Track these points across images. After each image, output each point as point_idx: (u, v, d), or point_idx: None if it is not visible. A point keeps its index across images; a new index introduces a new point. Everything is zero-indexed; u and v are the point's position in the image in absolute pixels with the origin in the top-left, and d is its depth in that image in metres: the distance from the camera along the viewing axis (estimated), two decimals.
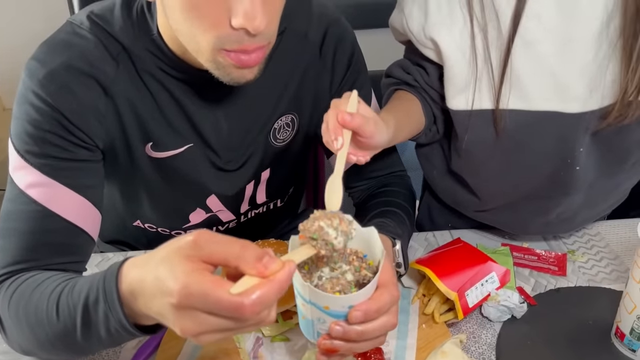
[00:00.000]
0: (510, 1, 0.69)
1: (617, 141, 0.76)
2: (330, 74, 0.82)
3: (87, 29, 0.69)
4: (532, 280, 0.82)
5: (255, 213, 0.93)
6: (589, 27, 0.68)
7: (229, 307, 0.43)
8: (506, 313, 0.74)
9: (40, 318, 0.59)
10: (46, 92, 0.67)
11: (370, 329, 0.56)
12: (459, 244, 0.81)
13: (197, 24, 0.58)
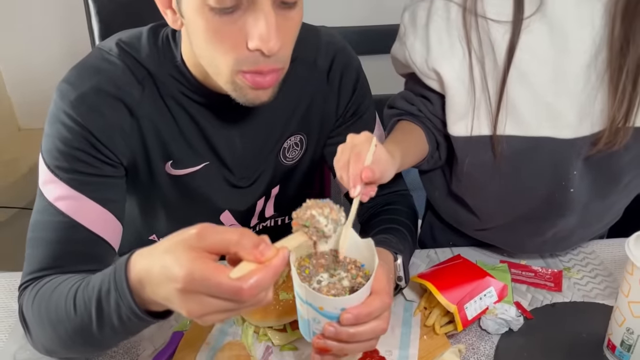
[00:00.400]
0: (505, 35, 0.75)
1: (609, 165, 0.80)
2: (336, 98, 0.87)
3: (115, 55, 0.75)
4: (529, 295, 0.86)
5: (263, 226, 0.98)
6: (578, 60, 0.74)
7: (229, 290, 0.48)
8: (504, 326, 0.78)
9: (60, 315, 0.64)
10: (77, 113, 0.72)
11: (361, 331, 0.60)
12: (459, 260, 0.85)
13: (217, 47, 0.64)
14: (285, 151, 0.87)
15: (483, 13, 0.75)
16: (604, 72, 0.73)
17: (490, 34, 0.76)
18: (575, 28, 0.73)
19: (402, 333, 0.77)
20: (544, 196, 0.83)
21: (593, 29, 0.73)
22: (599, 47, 0.73)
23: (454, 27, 0.78)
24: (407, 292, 0.84)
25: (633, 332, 0.69)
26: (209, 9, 0.61)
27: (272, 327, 0.75)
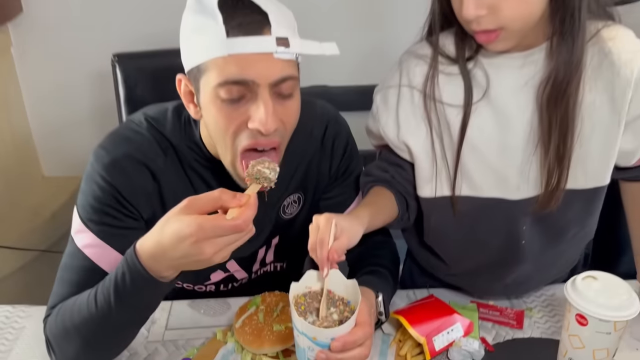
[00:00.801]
0: (458, 116, 0.90)
1: (555, 220, 0.94)
2: (329, 160, 1.02)
3: (144, 128, 0.91)
4: (494, 331, 0.98)
5: (264, 271, 1.11)
6: (517, 136, 0.89)
7: (231, 228, 0.68)
8: (467, 357, 0.90)
9: (83, 315, 0.79)
10: (109, 175, 0.87)
11: (348, 357, 0.73)
12: (431, 299, 0.98)
13: (225, 128, 0.80)
14: (284, 207, 1.01)
15: (439, 98, 0.91)
16: (536, 147, 0.88)
17: (446, 115, 0.91)
18: (513, 111, 0.88)
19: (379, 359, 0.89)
20: (499, 247, 0.97)
21: (527, 112, 0.87)
22: (532, 127, 0.88)
23: (418, 109, 0.92)
24: (385, 326, 0.96)
25: None
26: (220, 100, 0.78)
27: (266, 355, 0.88)
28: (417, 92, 0.92)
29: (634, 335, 0.96)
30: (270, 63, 0.76)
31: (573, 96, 0.83)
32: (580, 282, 0.80)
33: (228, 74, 0.76)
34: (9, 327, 1.00)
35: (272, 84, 0.77)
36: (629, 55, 0.84)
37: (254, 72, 0.76)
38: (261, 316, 0.90)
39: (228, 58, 0.75)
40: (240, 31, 0.75)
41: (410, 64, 0.93)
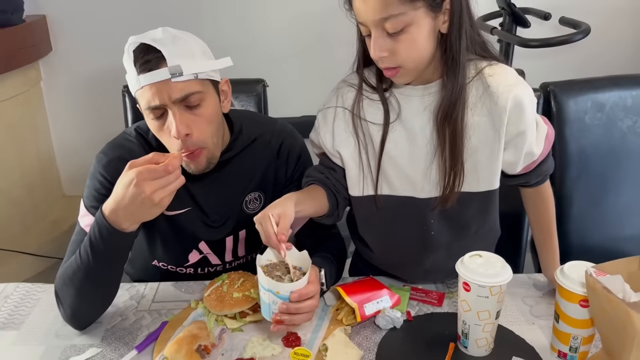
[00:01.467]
0: (379, 132, 1.14)
1: (456, 216, 1.17)
2: (284, 167, 1.27)
3: (133, 137, 1.19)
4: (418, 308, 1.19)
5: (237, 263, 1.34)
6: (421, 149, 1.12)
7: (162, 169, 0.93)
8: (390, 323, 1.11)
9: (73, 268, 1.05)
10: (106, 171, 1.15)
11: (302, 306, 0.99)
12: (368, 278, 1.21)
13: (162, 138, 1.10)
14: (247, 203, 1.26)
15: (364, 117, 1.15)
16: (433, 158, 1.12)
17: (370, 131, 1.15)
18: (418, 129, 1.12)
19: (316, 324, 1.11)
20: (415, 237, 1.20)
21: (427, 130, 1.11)
22: (431, 141, 1.12)
23: (348, 125, 1.16)
24: (327, 297, 1.19)
25: (465, 323, 1.02)
26: (151, 119, 1.07)
27: (226, 316, 1.10)
28: (348, 112, 1.16)
29: (533, 312, 1.17)
30: (170, 87, 1.03)
31: (458, 118, 1.07)
32: (467, 259, 1.02)
33: (145, 102, 1.05)
34: (28, 299, 1.24)
35: (177, 101, 1.04)
36: (505, 88, 1.08)
37: (159, 97, 1.03)
38: (225, 287, 1.13)
39: (142, 90, 1.04)
40: (144, 69, 1.03)
41: (343, 90, 1.18)
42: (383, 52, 1.01)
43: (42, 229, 2.36)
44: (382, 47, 1.01)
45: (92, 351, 1.07)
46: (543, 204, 1.25)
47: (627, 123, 1.67)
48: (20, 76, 2.22)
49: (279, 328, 1.02)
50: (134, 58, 1.04)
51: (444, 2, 1.00)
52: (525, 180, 1.20)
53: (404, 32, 0.99)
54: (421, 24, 1.00)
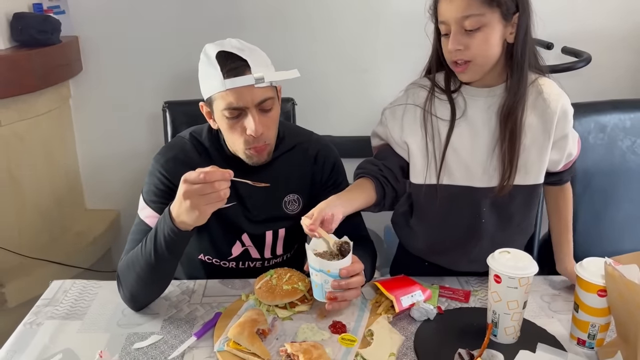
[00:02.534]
0: (446, 127, 1.30)
1: (505, 208, 1.33)
2: (320, 173, 1.42)
3: (187, 139, 1.35)
4: (447, 304, 1.31)
5: (275, 262, 1.46)
6: (483, 143, 1.29)
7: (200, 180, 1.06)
8: (424, 314, 1.23)
9: (137, 255, 1.18)
10: (164, 169, 1.30)
11: (352, 282, 1.13)
12: (401, 276, 1.33)
13: (232, 135, 1.24)
14: (287, 203, 1.40)
15: (435, 113, 1.31)
16: (495, 150, 1.28)
17: (438, 126, 1.31)
18: (481, 126, 1.29)
19: (357, 314, 1.23)
20: (466, 224, 1.35)
21: (490, 126, 1.28)
22: (493, 136, 1.28)
23: (418, 120, 1.32)
24: (366, 291, 1.30)
25: (495, 313, 1.14)
26: (226, 118, 1.21)
27: (277, 306, 1.22)
28: (419, 109, 1.32)
29: (551, 308, 1.29)
30: (254, 92, 1.19)
31: (518, 117, 1.24)
32: (497, 254, 1.14)
33: (228, 102, 1.20)
34: (86, 293, 1.34)
35: (257, 105, 1.20)
36: (555, 96, 1.28)
37: (243, 99, 1.19)
38: (274, 281, 1.24)
39: (226, 92, 1.19)
40: (231, 74, 1.18)
41: (414, 90, 1.35)
42: (459, 45, 1.19)
43: (67, 240, 2.45)
44: (460, 41, 1.19)
45: (154, 338, 1.17)
46: (565, 201, 1.45)
47: (626, 143, 1.83)
48: (53, 93, 2.33)
49: (333, 306, 1.15)
50: (220, 64, 1.18)
51: (514, 16, 1.20)
52: (559, 178, 1.40)
53: (479, 30, 1.18)
54: (494, 27, 1.19)
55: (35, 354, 1.12)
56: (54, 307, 1.28)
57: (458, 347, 1.05)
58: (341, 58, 2.44)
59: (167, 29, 2.41)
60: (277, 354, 1.09)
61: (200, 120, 1.73)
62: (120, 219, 2.70)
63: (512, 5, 1.19)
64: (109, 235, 2.60)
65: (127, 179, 2.63)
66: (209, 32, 2.35)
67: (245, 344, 1.07)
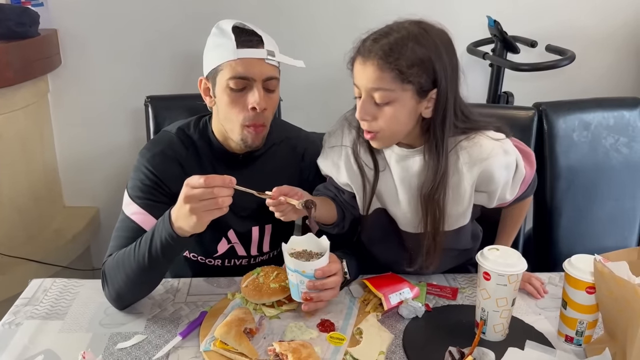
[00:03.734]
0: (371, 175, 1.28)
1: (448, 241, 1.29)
2: (307, 171, 1.40)
3: (174, 133, 1.31)
4: (435, 301, 1.30)
5: (261, 259, 1.44)
6: (405, 199, 1.25)
7: (200, 184, 1.02)
8: (412, 312, 1.22)
9: (129, 255, 1.14)
10: (150, 165, 1.26)
11: (328, 282, 1.11)
12: (389, 274, 1.32)
13: (233, 110, 1.20)
14: None
15: (364, 160, 1.28)
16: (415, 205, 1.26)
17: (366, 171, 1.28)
18: (401, 184, 1.25)
19: (346, 313, 1.21)
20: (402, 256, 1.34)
21: (410, 189, 1.24)
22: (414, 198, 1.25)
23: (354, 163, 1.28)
24: (354, 289, 1.29)
25: (484, 310, 1.14)
26: (230, 90, 1.19)
27: (264, 304, 1.20)
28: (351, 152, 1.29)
29: (539, 305, 1.29)
30: (263, 66, 1.19)
31: (441, 197, 1.20)
32: (486, 251, 1.14)
33: (236, 72, 1.18)
34: (67, 292, 1.31)
35: (264, 80, 1.19)
36: (477, 161, 1.20)
37: (253, 71, 1.18)
38: (261, 279, 1.22)
39: (237, 61, 1.18)
40: (245, 45, 1.18)
41: (350, 130, 1.30)
42: (367, 116, 1.15)
43: (45, 238, 2.39)
44: (367, 112, 1.15)
45: (138, 337, 1.14)
46: (516, 213, 1.43)
47: (609, 141, 1.85)
48: (31, 87, 2.27)
49: (309, 306, 1.14)
50: (235, 34, 1.18)
51: (430, 92, 1.13)
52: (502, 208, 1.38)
53: (389, 105, 1.13)
54: (405, 103, 1.13)
55: (15, 355, 1.08)
56: (33, 307, 1.24)
57: (447, 345, 1.04)
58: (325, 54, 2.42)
59: (148, 22, 2.37)
60: (265, 353, 1.07)
61: (182, 115, 1.71)
62: (100, 216, 2.65)
63: (428, 83, 1.12)
64: (88, 232, 2.55)
65: (107, 176, 2.58)
66: (190, 26, 2.32)
67: (232, 343, 1.04)
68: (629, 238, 1.87)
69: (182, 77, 2.36)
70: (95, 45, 2.40)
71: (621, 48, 2.51)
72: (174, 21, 2.36)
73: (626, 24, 2.48)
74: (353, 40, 1.18)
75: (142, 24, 2.37)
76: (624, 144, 1.84)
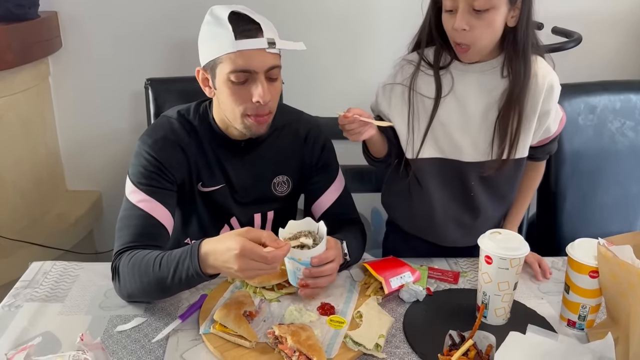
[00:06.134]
0: (431, 104, 1.30)
1: (493, 181, 1.34)
2: (310, 155, 1.37)
3: (174, 118, 1.27)
4: (436, 285, 1.29)
5: None
6: (474, 118, 1.28)
7: (261, 256, 0.97)
8: (413, 296, 1.21)
9: (148, 269, 1.08)
10: (153, 151, 1.22)
11: (324, 269, 1.09)
12: (390, 257, 1.31)
13: (235, 102, 1.16)
14: (276, 185, 1.36)
15: (420, 91, 1.31)
16: (487, 125, 1.29)
17: (424, 103, 1.31)
18: (471, 102, 1.29)
19: (346, 296, 1.20)
20: (457, 196, 1.37)
21: (481, 103, 1.28)
22: (486, 114, 1.29)
23: (404, 98, 1.33)
24: (355, 273, 1.29)
25: (486, 294, 1.13)
26: (231, 83, 1.15)
27: (264, 287, 1.19)
28: (406, 88, 1.32)
29: (541, 289, 1.28)
30: (264, 56, 1.14)
31: (526, 104, 1.26)
32: (489, 235, 1.13)
33: (237, 65, 1.13)
34: (67, 275, 1.30)
35: (266, 71, 1.15)
36: (543, 73, 1.28)
37: (254, 63, 1.13)
38: None
39: (237, 53, 1.12)
40: (243, 36, 1.12)
41: (404, 66, 1.34)
42: (466, 25, 1.18)
43: (47, 221, 2.39)
44: (467, 21, 1.18)
45: (138, 320, 1.14)
46: (533, 176, 1.47)
47: (615, 125, 1.82)
48: (32, 70, 2.26)
49: (305, 292, 1.14)
50: (232, 24, 1.12)
51: (519, 0, 1.19)
52: (534, 154, 1.39)
53: (487, 11, 1.17)
54: (501, 10, 1.18)
55: (14, 337, 1.08)
56: (33, 289, 1.24)
57: (447, 329, 1.03)
58: (330, 35, 2.39)
59: (149, 4, 2.34)
60: (264, 336, 1.06)
61: (182, 97, 1.69)
62: (102, 200, 2.64)
63: None
64: (90, 216, 2.55)
65: (109, 159, 2.57)
66: (190, 8, 2.28)
67: (231, 326, 1.04)
68: (634, 223, 1.85)
69: (183, 59, 2.33)
70: (96, 27, 2.38)
71: (628, 31, 2.47)
72: (174, 2, 2.33)
73: (633, 6, 2.44)
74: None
75: (143, 5, 2.34)
76: (630, 128, 1.81)
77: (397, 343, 1.09)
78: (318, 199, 1.37)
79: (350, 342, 1.05)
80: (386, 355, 1.05)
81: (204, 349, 1.06)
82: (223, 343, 1.04)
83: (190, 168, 1.27)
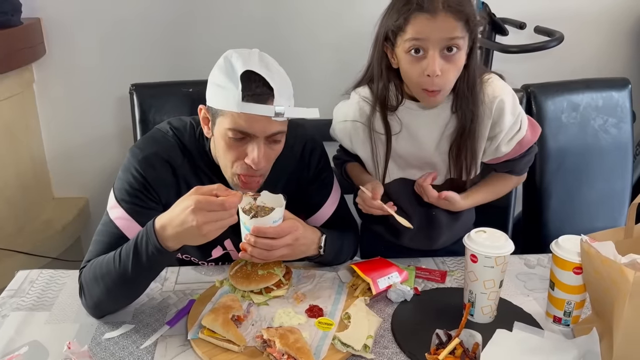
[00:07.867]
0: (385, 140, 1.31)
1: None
2: (307, 169, 1.34)
3: (170, 135, 1.24)
4: (424, 284, 1.30)
5: None
6: (429, 148, 1.32)
7: (218, 204, 0.96)
8: (401, 296, 1.22)
9: (108, 266, 1.07)
10: (141, 168, 1.19)
11: (260, 242, 1.11)
12: (377, 258, 1.31)
13: (228, 157, 1.14)
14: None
15: (377, 130, 1.33)
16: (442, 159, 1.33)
17: (381, 139, 1.33)
18: (425, 137, 1.32)
19: (335, 298, 1.21)
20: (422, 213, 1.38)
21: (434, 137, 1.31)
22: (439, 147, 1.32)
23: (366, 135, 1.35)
24: (343, 275, 1.29)
25: (472, 292, 1.14)
26: (228, 137, 1.11)
27: (252, 291, 1.19)
28: (365, 126, 1.34)
29: (527, 287, 1.30)
30: (268, 123, 1.10)
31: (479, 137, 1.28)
32: (474, 234, 1.13)
33: (237, 125, 1.09)
34: (53, 283, 1.30)
35: (267, 136, 1.12)
36: (491, 97, 1.26)
37: (255, 127, 1.09)
38: (249, 267, 1.21)
39: (240, 114, 1.07)
40: (251, 99, 1.06)
41: (362, 105, 1.34)
42: (439, 70, 1.14)
43: (34, 229, 2.37)
44: (440, 66, 1.14)
45: (126, 327, 1.13)
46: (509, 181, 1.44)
47: (598, 122, 1.84)
48: (16, 77, 2.24)
49: (242, 254, 1.14)
50: (243, 83, 1.06)
51: (469, 37, 1.17)
52: (493, 169, 1.42)
53: (457, 54, 1.15)
54: (464, 48, 1.17)
55: (1, 347, 1.07)
56: (19, 298, 1.23)
57: (435, 328, 1.03)
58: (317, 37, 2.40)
59: (133, 9, 2.34)
60: (253, 340, 1.06)
61: (168, 103, 1.68)
62: (89, 207, 2.63)
63: (475, 29, 1.18)
64: (78, 223, 2.53)
65: (95, 165, 2.56)
66: (176, 14, 2.29)
67: (219, 331, 1.04)
68: (618, 219, 1.87)
69: (167, 65, 2.32)
70: (80, 33, 2.37)
71: (610, 29, 2.50)
72: (159, 8, 2.32)
73: (615, 5, 2.47)
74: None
75: (127, 11, 2.33)
76: (613, 125, 1.84)
77: (386, 343, 1.09)
78: (316, 212, 1.36)
79: (338, 343, 1.05)
80: (375, 356, 1.05)
81: (193, 354, 1.06)
82: (211, 348, 1.04)
83: (180, 190, 1.21)
